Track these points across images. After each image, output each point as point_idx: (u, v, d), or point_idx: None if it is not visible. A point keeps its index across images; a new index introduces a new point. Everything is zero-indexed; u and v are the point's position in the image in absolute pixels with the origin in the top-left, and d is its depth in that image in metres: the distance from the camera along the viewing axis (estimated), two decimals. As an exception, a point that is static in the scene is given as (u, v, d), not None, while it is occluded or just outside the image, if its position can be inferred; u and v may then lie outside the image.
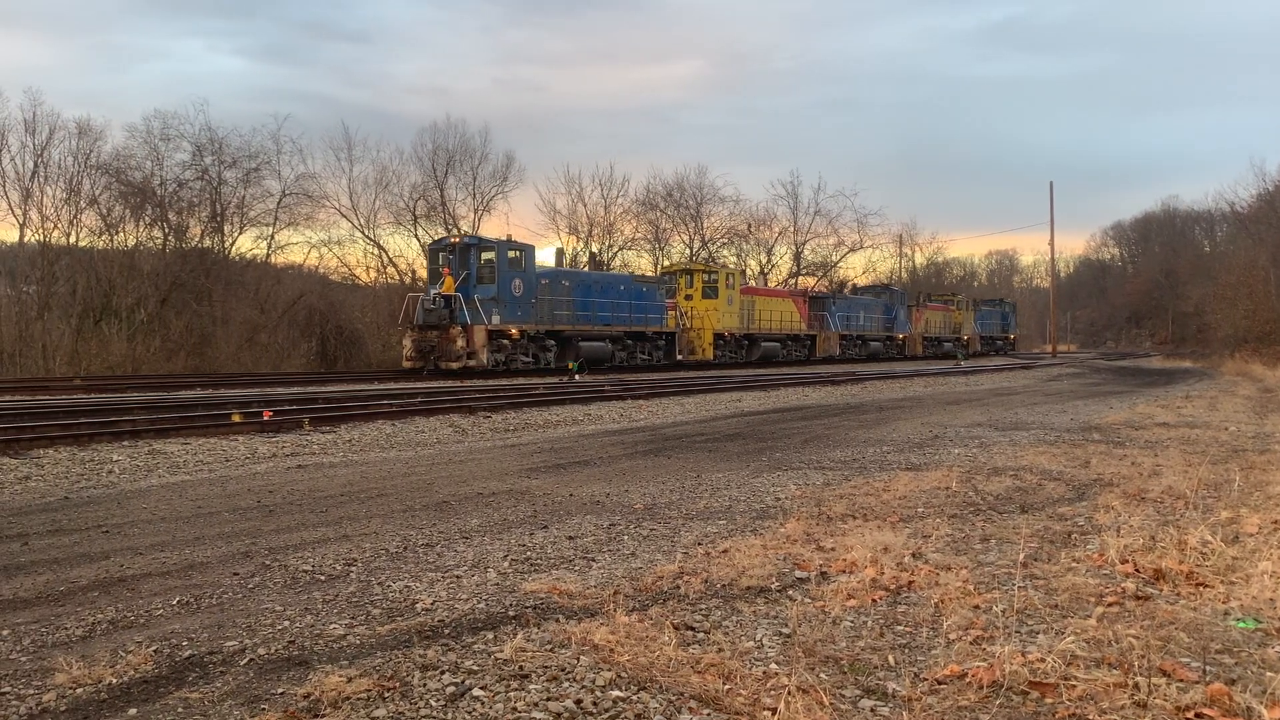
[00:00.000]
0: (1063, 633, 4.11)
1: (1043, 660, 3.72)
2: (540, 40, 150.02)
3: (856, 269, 77.71)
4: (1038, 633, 4.20)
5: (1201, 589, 4.90)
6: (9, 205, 41.68)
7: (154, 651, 4.01)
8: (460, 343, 28.28)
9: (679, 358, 37.72)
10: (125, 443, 11.92)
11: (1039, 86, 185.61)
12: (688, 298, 40.56)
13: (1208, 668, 3.73)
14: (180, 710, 3.39)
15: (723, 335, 41.03)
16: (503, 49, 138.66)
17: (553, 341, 32.11)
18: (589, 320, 33.55)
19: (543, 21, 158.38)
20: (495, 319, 29.32)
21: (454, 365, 28.21)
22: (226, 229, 45.56)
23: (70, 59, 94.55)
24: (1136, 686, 3.45)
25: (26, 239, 40.77)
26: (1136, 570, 5.21)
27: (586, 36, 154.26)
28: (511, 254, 30.49)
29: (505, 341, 29.89)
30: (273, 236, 47.71)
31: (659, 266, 57.97)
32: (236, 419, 14.08)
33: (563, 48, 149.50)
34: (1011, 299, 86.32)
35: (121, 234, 41.37)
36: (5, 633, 4.33)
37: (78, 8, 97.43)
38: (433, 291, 29.08)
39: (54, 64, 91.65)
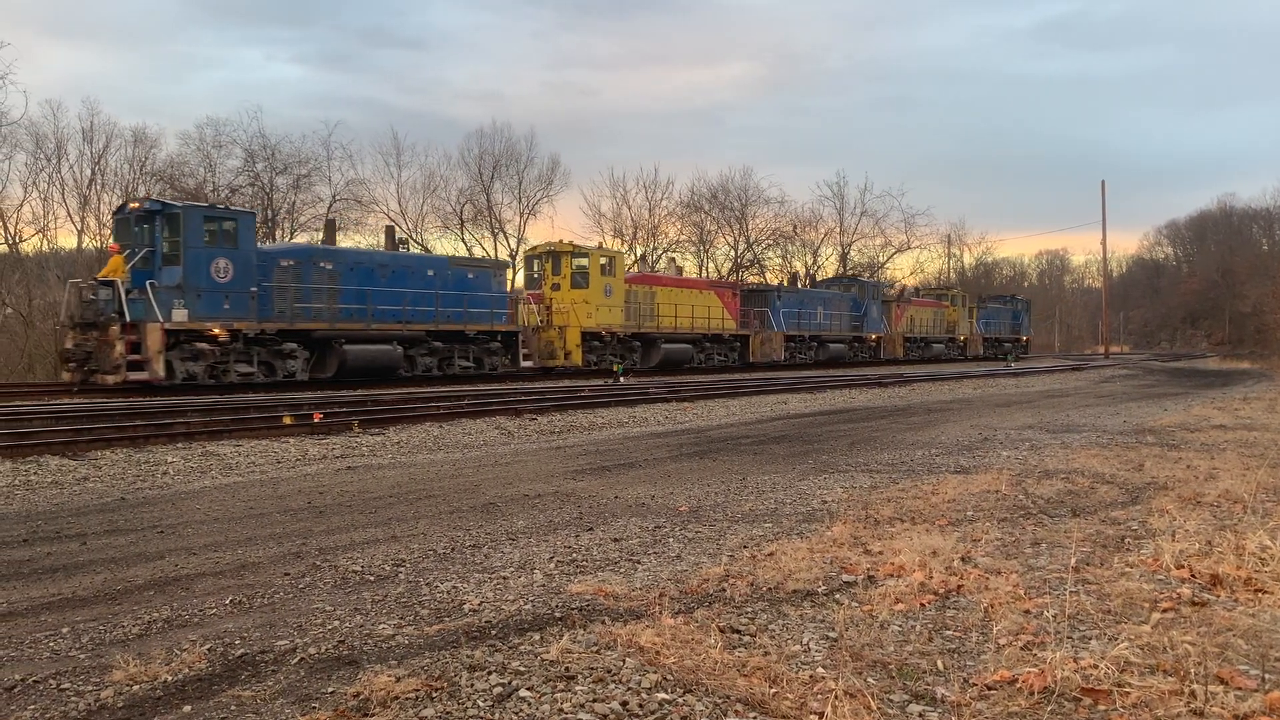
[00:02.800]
0: (1116, 638, 4.04)
1: (1095, 666, 3.66)
2: (591, 44, 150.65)
3: (904, 270, 77.16)
4: (1090, 638, 4.14)
5: (1260, 595, 4.79)
6: (68, 212, 42.77)
7: (208, 650, 4.08)
8: (119, 347, 20.41)
9: (526, 364, 29.72)
10: (179, 444, 12.15)
11: (1093, 84, 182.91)
12: (555, 288, 32.81)
13: (1267, 675, 3.65)
14: (233, 708, 3.45)
15: (598, 335, 32.88)
16: (554, 53, 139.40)
17: (295, 345, 23.77)
18: (364, 316, 25.37)
19: (594, 25, 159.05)
20: (181, 313, 21.22)
21: (112, 379, 20.45)
22: (278, 234, 46.32)
23: (132, 69, 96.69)
24: (1193, 694, 3.38)
25: (84, 245, 41.76)
26: (1192, 575, 5.11)
27: (637, 39, 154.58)
28: (214, 225, 22.23)
29: (205, 345, 21.81)
30: (322, 241, 48.39)
31: (703, 270, 56.02)
32: (287, 421, 14.29)
33: (613, 51, 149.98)
34: (1025, 296, 78.78)
35: (176, 240, 42.14)
36: (65, 630, 4.43)
37: (141, 18, 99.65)
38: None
39: (116, 74, 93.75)
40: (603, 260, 33.75)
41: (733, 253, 66.44)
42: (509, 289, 32.60)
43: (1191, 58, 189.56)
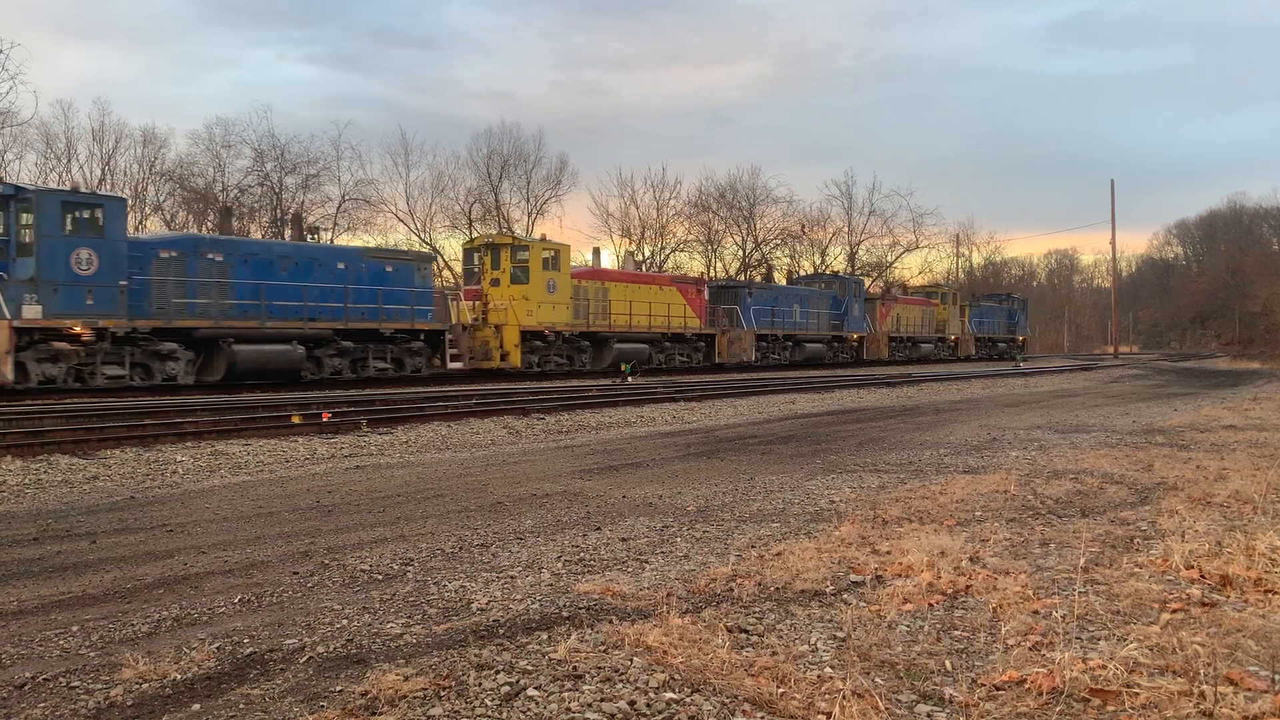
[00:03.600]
0: (1125, 639, 4.02)
1: (1104, 667, 3.65)
2: (603, 44, 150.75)
3: (913, 269, 77.04)
4: (1099, 639, 4.12)
5: (1270, 596, 4.77)
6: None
7: (216, 648, 4.09)
8: None
9: (451, 365, 27.40)
10: (189, 443, 12.19)
11: (1106, 82, 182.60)
12: (494, 283, 30.15)
13: (1276, 676, 3.63)
14: (242, 706, 3.46)
15: (540, 334, 30.18)
16: (566, 53, 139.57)
17: (176, 345, 21.52)
18: (258, 313, 23.03)
19: (606, 25, 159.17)
20: (33, 309, 19.15)
21: None
22: (287, 234, 46.41)
23: (145, 69, 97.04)
24: (1202, 695, 3.37)
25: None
26: (1202, 576, 5.09)
27: (649, 39, 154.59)
28: (76, 212, 20.11)
29: (65, 345, 19.67)
30: (332, 241, 48.48)
31: (711, 269, 55.38)
32: (296, 420, 14.33)
33: (625, 50, 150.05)
34: (1021, 294, 75.87)
35: (184, 239, 42.37)
36: (75, 629, 4.45)
37: (155, 19, 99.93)
38: None
39: (129, 74, 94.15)
40: (546, 253, 30.75)
41: (740, 252, 66.43)
42: (439, 283, 31.23)
43: (1204, 57, 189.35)
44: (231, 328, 22.50)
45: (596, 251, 41.14)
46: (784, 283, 51.43)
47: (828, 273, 56.80)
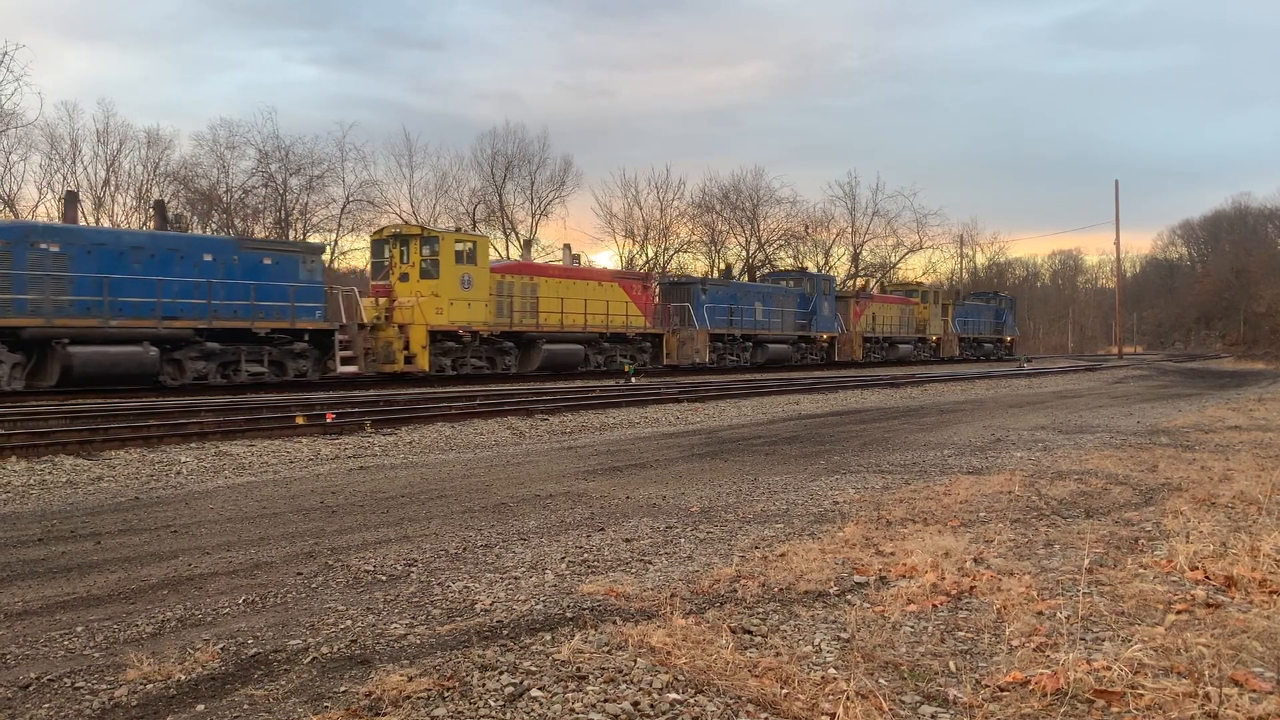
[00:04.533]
0: (1129, 640, 4.02)
1: (1109, 668, 3.65)
2: (608, 44, 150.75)
3: (916, 270, 77.00)
4: (1103, 640, 4.12)
5: (1275, 597, 4.76)
6: (82, 213, 42.96)
7: (221, 649, 4.09)
8: None
9: (343, 369, 24.60)
10: (193, 444, 12.21)
11: (1111, 83, 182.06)
12: (403, 278, 27.52)
13: (1282, 678, 3.63)
14: (246, 707, 3.46)
15: (452, 334, 27.41)
16: (571, 54, 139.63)
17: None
18: (100, 311, 20.49)
19: (611, 26, 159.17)
20: None
21: None
22: (291, 235, 46.47)
23: (150, 71, 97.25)
24: (1207, 696, 3.37)
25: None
26: (1207, 577, 5.08)
27: (654, 40, 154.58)
28: None
29: None
30: (336, 242, 48.56)
31: (715, 270, 54.63)
32: (300, 421, 14.34)
33: (630, 51, 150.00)
34: (1009, 293, 73.18)
35: (189, 240, 42.51)
36: (79, 629, 4.46)
37: (161, 21, 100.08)
38: None
39: (134, 76, 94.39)
40: (459, 245, 27.97)
41: (744, 253, 66.41)
42: (328, 278, 27.60)
43: (1210, 57, 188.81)
44: (66, 327, 19.92)
45: (527, 244, 38.64)
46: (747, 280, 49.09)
47: (794, 269, 54.02)
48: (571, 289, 31.92)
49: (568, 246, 37.24)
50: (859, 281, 62.21)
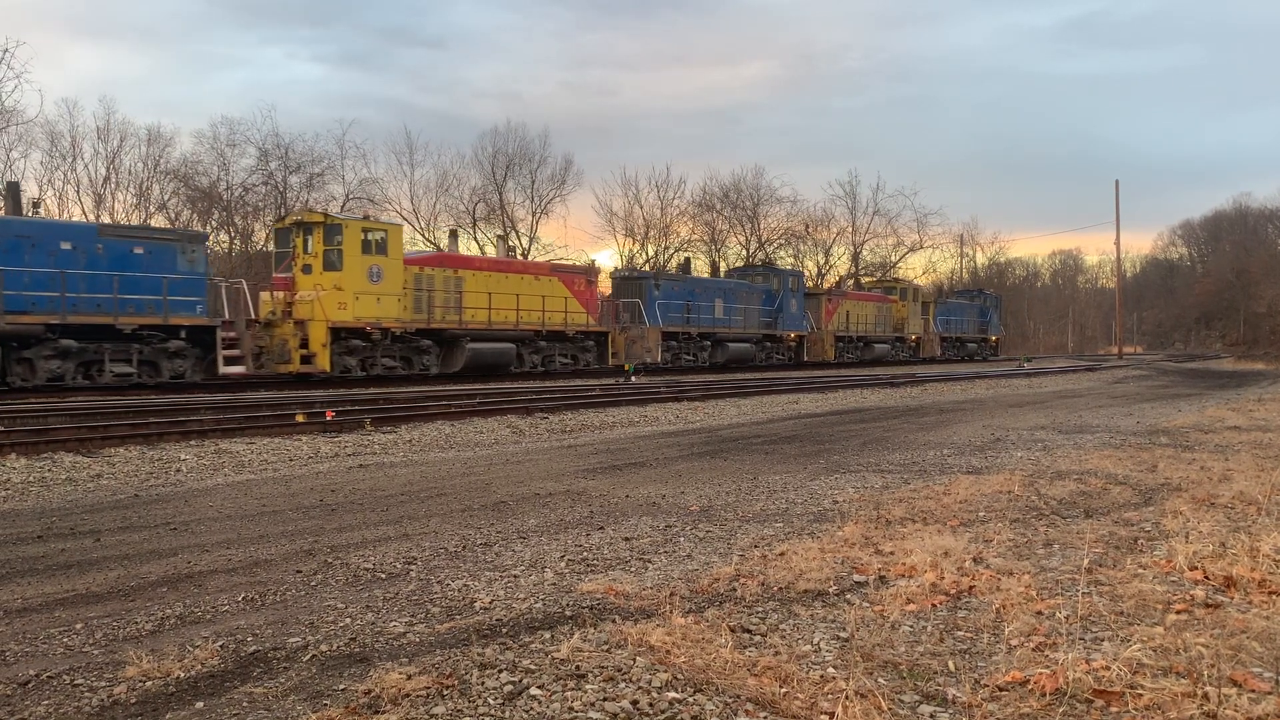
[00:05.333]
0: (1129, 640, 4.02)
1: (1108, 668, 3.65)
2: (611, 44, 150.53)
3: (916, 269, 76.96)
4: (1102, 640, 4.12)
5: (1274, 597, 4.76)
6: (83, 210, 43.01)
7: (220, 646, 4.10)
8: None
9: (227, 370, 22.29)
10: (193, 442, 12.21)
11: (1112, 83, 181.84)
12: (306, 270, 24.85)
13: (1281, 678, 3.63)
14: (245, 705, 3.46)
15: (359, 331, 25.03)
16: (575, 53, 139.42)
17: None
18: None
19: (614, 25, 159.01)
20: None
21: None
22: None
23: (154, 68, 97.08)
24: (1206, 696, 3.37)
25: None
26: (1206, 577, 5.09)
27: (657, 39, 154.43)
28: None
29: None
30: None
31: (716, 270, 53.18)
32: (300, 419, 14.35)
33: (633, 51, 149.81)
34: (994, 290, 70.00)
35: (189, 238, 42.52)
36: (79, 626, 4.46)
37: (165, 18, 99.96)
38: None
39: (138, 73, 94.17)
40: (367, 235, 25.47)
41: (744, 252, 66.39)
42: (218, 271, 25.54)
43: (1211, 58, 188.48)
44: None
45: (453, 234, 34.99)
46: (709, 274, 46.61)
47: (761, 264, 50.55)
48: (502, 283, 29.35)
49: (502, 238, 35.23)
50: (829, 279, 60.68)
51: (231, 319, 23.15)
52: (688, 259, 47.78)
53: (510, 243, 34.11)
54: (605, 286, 37.41)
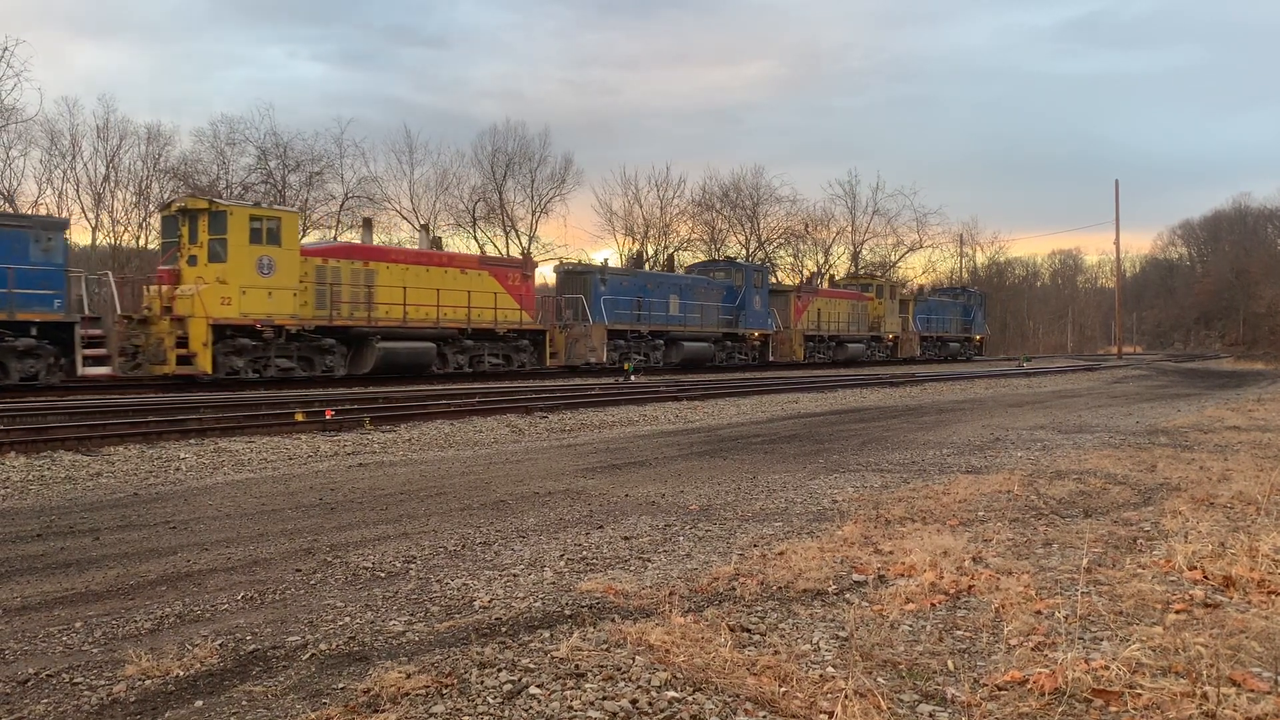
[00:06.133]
0: (1128, 640, 4.02)
1: (1107, 667, 3.65)
2: (613, 43, 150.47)
3: (916, 269, 76.97)
4: (1102, 639, 4.12)
5: (1273, 597, 4.76)
6: (82, 209, 43.03)
7: (219, 645, 4.10)
8: None
9: (88, 371, 20.17)
10: (192, 441, 12.20)
11: (1113, 83, 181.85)
12: (191, 261, 22.67)
13: (1279, 678, 3.63)
14: (244, 703, 3.46)
15: (248, 328, 22.81)
16: (576, 52, 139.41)
17: None
18: None
19: (616, 24, 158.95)
20: None
21: None
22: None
23: (156, 67, 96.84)
24: (1205, 696, 3.37)
25: (99, 242, 41.98)
26: (1205, 577, 5.09)
27: (658, 39, 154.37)
28: None
29: None
30: (335, 239, 48.52)
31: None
32: (299, 418, 14.34)
33: (635, 50, 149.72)
34: (978, 288, 67.64)
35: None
36: (78, 625, 4.46)
37: (167, 18, 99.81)
38: None
39: (140, 72, 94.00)
40: (256, 223, 23.11)
41: (744, 251, 66.40)
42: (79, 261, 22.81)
43: (1211, 58, 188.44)
44: None
45: (366, 222, 32.08)
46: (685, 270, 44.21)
47: (723, 259, 47.44)
48: (422, 276, 26.96)
49: (425, 228, 32.57)
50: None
51: (97, 315, 21.21)
52: (639, 253, 45.44)
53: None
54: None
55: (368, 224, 31.54)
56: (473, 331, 28.35)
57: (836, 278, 57.78)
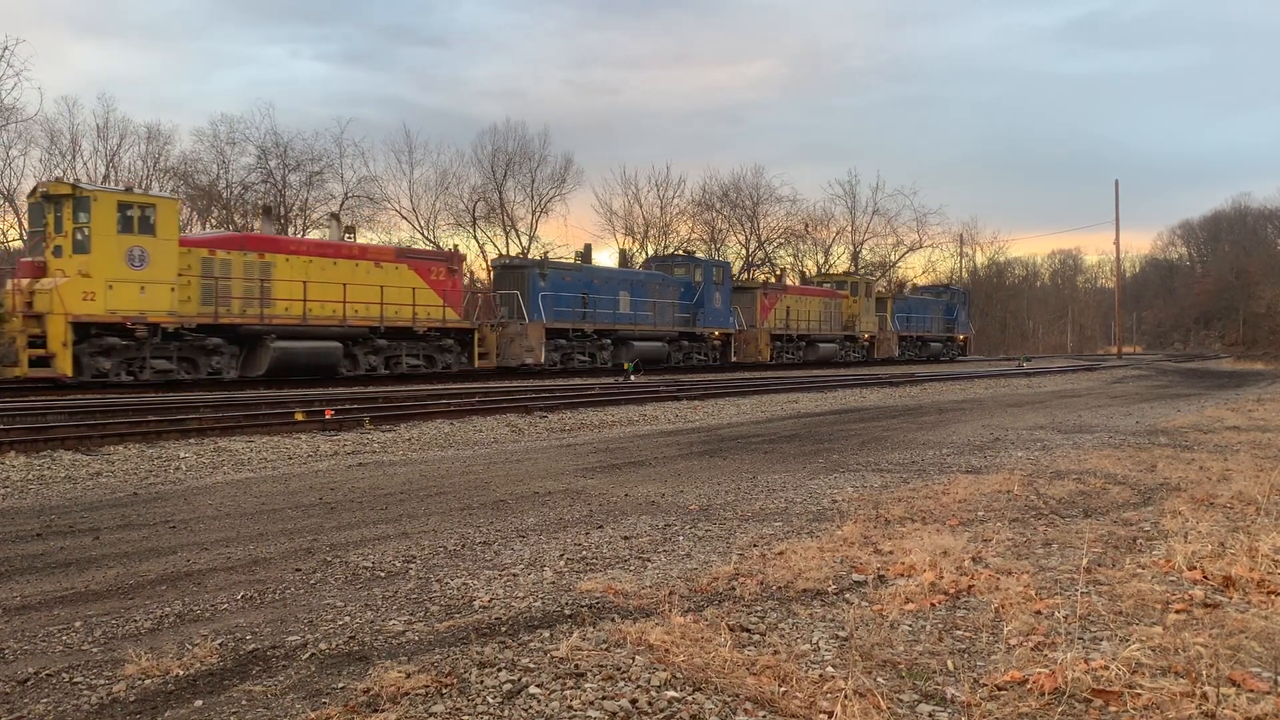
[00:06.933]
0: (1128, 640, 4.02)
1: (1107, 667, 3.65)
2: (614, 42, 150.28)
3: (916, 269, 76.94)
4: (1101, 639, 4.12)
5: (1273, 597, 4.77)
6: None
7: (219, 645, 4.10)
8: None
9: None
10: (192, 440, 12.20)
11: (1113, 83, 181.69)
12: (57, 251, 20.45)
13: (1279, 678, 3.63)
14: (244, 703, 3.46)
15: (117, 326, 20.55)
16: (577, 51, 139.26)
17: None
18: None
19: (617, 24, 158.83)
20: None
21: None
22: (290, 231, 46.43)
23: (158, 66, 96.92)
24: (1204, 696, 3.37)
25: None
26: (1205, 577, 5.09)
27: (660, 38, 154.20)
28: None
29: None
30: (343, 236, 48.54)
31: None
32: (299, 417, 14.34)
33: (636, 50, 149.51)
34: (963, 285, 65.11)
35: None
36: (77, 624, 4.46)
37: (168, 17, 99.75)
38: None
39: (141, 71, 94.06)
40: (126, 210, 20.76)
41: (744, 251, 66.41)
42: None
43: (1212, 58, 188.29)
44: None
45: (266, 210, 28.85)
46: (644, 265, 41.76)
47: (682, 254, 45.24)
48: (328, 270, 24.47)
49: (335, 217, 29.92)
50: (758, 275, 54.61)
51: None
52: (588, 246, 42.59)
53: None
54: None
55: (267, 212, 28.30)
56: (386, 330, 25.86)
57: (808, 274, 55.37)
